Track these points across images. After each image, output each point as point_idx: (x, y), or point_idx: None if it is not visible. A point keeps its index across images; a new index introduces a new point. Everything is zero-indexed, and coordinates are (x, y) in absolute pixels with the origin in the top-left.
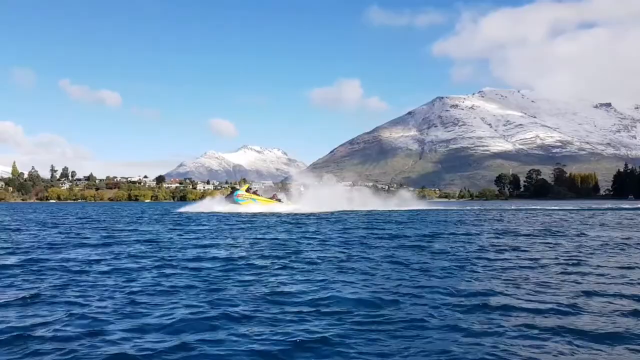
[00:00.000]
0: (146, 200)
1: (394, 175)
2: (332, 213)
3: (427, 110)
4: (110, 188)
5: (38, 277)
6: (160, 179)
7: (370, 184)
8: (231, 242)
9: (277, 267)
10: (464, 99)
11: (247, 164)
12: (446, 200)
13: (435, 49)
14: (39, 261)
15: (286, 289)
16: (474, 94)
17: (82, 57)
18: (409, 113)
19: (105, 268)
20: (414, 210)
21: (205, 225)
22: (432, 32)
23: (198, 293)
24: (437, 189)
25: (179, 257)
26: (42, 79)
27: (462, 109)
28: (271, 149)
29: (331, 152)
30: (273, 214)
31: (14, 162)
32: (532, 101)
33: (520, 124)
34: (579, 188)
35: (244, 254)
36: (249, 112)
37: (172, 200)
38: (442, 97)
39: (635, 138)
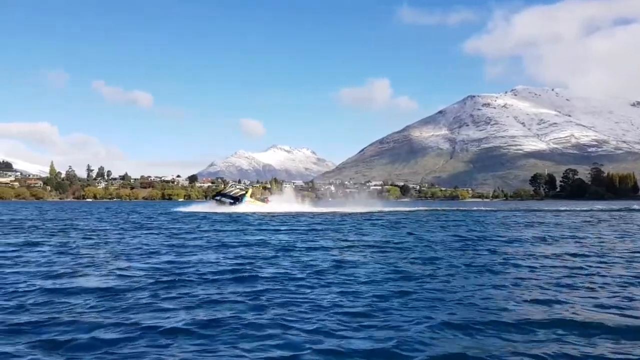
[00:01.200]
0: (179, 199)
1: (424, 174)
2: (381, 212)
3: (459, 109)
4: (145, 187)
5: (208, 286)
6: (192, 179)
7: (401, 183)
8: (345, 245)
9: (444, 275)
10: (496, 97)
11: (276, 163)
12: (480, 200)
13: (467, 47)
14: (182, 264)
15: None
16: (506, 93)
17: (115, 59)
18: (440, 112)
19: (266, 274)
20: (461, 210)
21: (282, 225)
22: (463, 30)
23: (430, 311)
24: (469, 189)
25: (320, 264)
26: (76, 80)
27: (495, 108)
28: (300, 148)
29: (360, 151)
30: (335, 214)
31: (52, 162)
32: (567, 99)
33: (555, 123)
34: (617, 188)
35: (374, 257)
36: (278, 112)
37: (204, 200)
38: (474, 96)
39: None
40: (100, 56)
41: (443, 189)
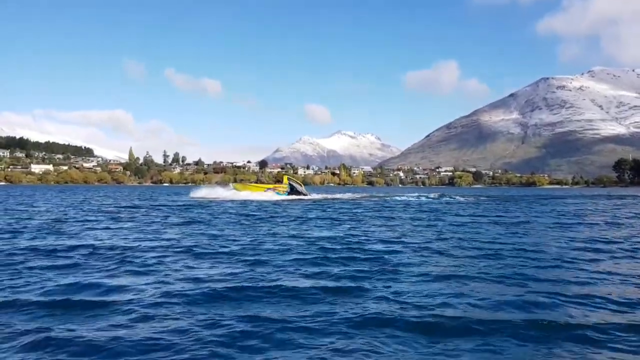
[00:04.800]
0: None
1: (494, 160)
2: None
3: (531, 92)
4: (217, 172)
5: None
6: (263, 164)
7: (472, 169)
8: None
9: None
10: (572, 79)
11: (340, 149)
12: (559, 186)
13: (540, 26)
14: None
15: None
16: (582, 74)
17: (185, 47)
18: (511, 95)
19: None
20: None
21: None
22: (537, 9)
23: None
24: (545, 175)
25: None
26: (149, 68)
27: (570, 90)
28: (365, 134)
29: (427, 136)
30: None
31: (131, 148)
32: None
33: (636, 106)
34: None
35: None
36: (343, 98)
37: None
38: (548, 78)
39: None
40: (171, 44)
41: (518, 174)
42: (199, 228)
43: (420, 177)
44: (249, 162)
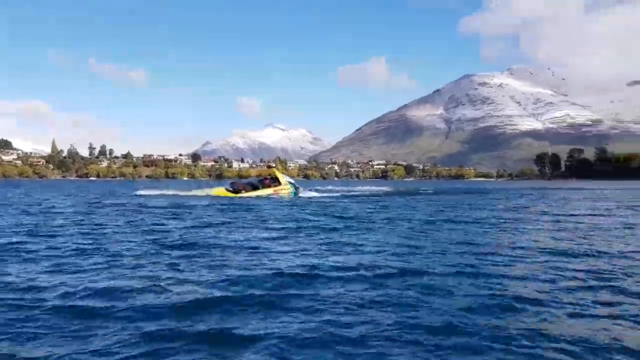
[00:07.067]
0: (184, 178)
1: (420, 155)
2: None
3: (455, 89)
4: (147, 166)
5: None
6: (195, 157)
7: (403, 163)
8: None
9: None
10: (493, 76)
11: (272, 142)
12: (484, 179)
13: (464, 25)
14: None
15: None
16: (502, 72)
17: (110, 36)
18: (437, 91)
19: None
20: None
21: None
22: (464, 9)
23: None
24: (471, 168)
25: None
26: (71, 58)
27: (491, 87)
28: (296, 127)
29: (357, 130)
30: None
31: (53, 140)
32: (563, 79)
33: (551, 102)
34: (622, 169)
35: None
36: (275, 91)
37: (208, 179)
38: (470, 75)
39: None
40: (95, 33)
41: (447, 168)
42: (328, 235)
43: (354, 171)
44: (180, 155)
